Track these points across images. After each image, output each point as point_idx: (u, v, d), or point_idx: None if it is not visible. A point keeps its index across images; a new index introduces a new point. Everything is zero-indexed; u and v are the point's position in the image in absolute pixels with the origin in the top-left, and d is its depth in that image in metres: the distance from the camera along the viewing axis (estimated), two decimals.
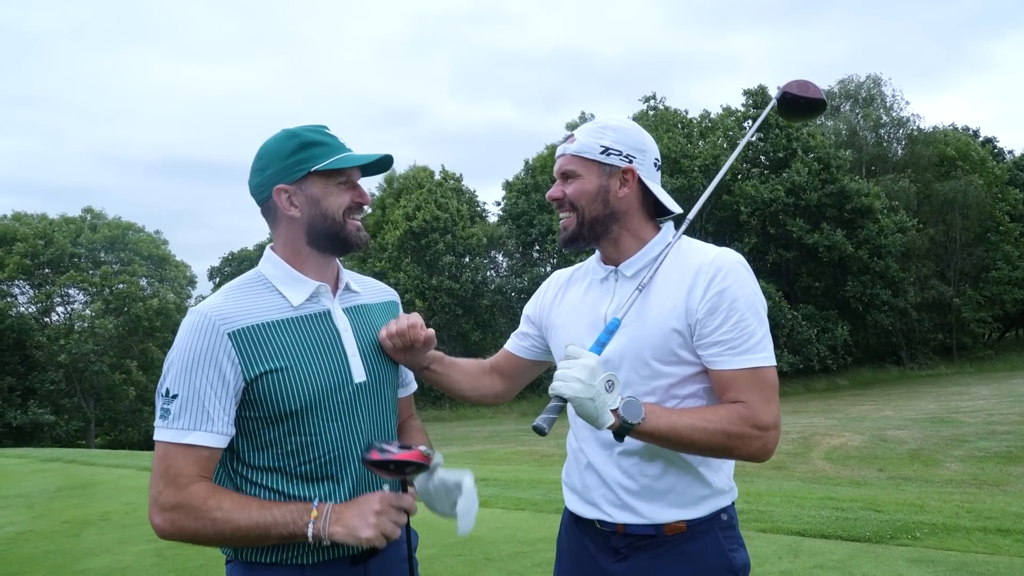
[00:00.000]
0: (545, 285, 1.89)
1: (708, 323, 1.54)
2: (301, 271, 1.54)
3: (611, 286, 1.68)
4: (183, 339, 1.44)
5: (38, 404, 33.98)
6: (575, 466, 1.69)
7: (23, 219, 37.92)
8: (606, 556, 1.59)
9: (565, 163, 1.68)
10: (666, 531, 1.56)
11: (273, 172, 1.51)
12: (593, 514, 1.63)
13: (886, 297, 32.45)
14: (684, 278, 1.57)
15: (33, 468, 12.04)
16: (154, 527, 1.40)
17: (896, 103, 39.23)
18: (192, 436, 1.40)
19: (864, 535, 5.17)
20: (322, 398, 1.48)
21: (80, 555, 5.70)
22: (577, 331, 1.67)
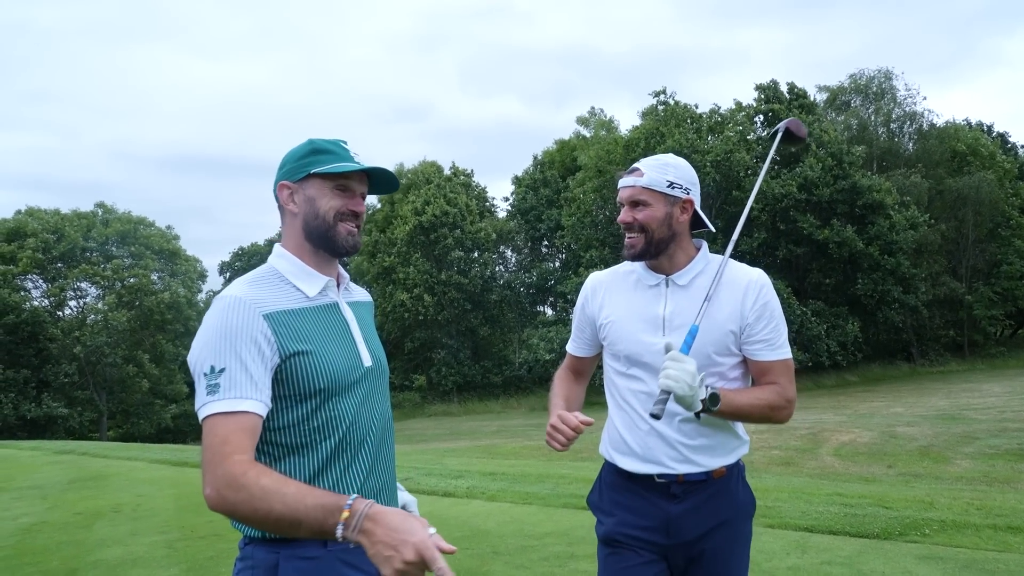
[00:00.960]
0: (591, 290, 2.21)
1: (755, 326, 2.02)
2: (309, 266, 1.66)
3: (663, 291, 2.06)
4: (220, 319, 1.50)
5: (52, 397, 34.31)
6: (633, 434, 2.04)
7: (35, 214, 38.23)
8: (665, 501, 1.99)
9: (636, 193, 2.05)
10: (714, 475, 2.01)
11: (283, 173, 1.67)
12: (654, 470, 2.00)
13: (897, 294, 32.21)
14: (736, 291, 2.04)
15: (46, 460, 12.18)
16: (205, 497, 1.44)
17: (910, 97, 38.90)
18: (246, 404, 1.46)
19: (873, 531, 5.15)
20: (342, 378, 1.60)
21: (92, 546, 5.77)
22: (635, 326, 2.05)
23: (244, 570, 1.57)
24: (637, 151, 33.11)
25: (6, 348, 34.90)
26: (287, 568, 1.52)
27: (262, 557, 1.55)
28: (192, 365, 1.52)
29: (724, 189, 32.27)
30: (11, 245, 36.02)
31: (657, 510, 1.99)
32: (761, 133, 34.34)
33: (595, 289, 2.20)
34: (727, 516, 2.01)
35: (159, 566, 5.08)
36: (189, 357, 1.54)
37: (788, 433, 14.63)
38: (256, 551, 1.56)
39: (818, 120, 34.10)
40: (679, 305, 2.02)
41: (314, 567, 1.54)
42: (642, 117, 35.04)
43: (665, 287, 2.07)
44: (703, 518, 1.99)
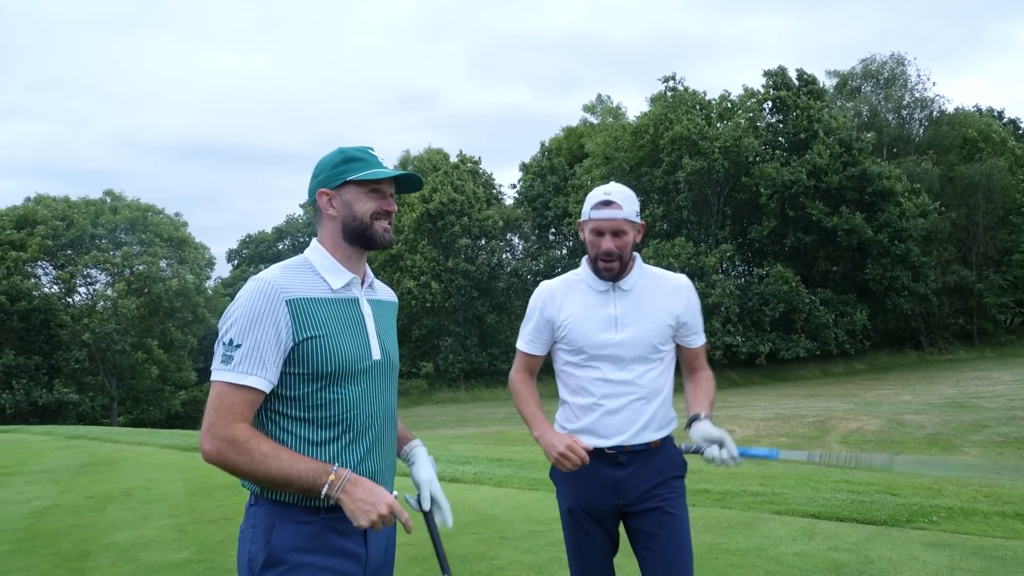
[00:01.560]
0: (548, 295, 2.52)
1: (686, 319, 2.51)
2: (339, 262, 1.86)
3: (611, 296, 2.45)
4: (248, 300, 1.71)
5: (63, 383, 34.61)
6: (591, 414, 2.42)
7: (44, 201, 38.38)
8: (613, 468, 2.40)
9: (619, 224, 2.38)
10: (651, 445, 2.44)
11: (320, 180, 1.86)
12: (607, 443, 2.39)
13: (906, 281, 32.01)
14: (668, 292, 2.49)
15: (58, 445, 12.31)
16: (202, 452, 1.67)
17: (921, 83, 38.45)
18: (250, 379, 1.67)
19: (880, 518, 5.15)
20: (350, 365, 1.78)
21: (104, 529, 5.84)
22: (593, 326, 2.42)
23: (247, 528, 1.77)
24: (645, 138, 32.96)
25: (18, 334, 35.19)
26: (282, 529, 1.72)
27: (263, 518, 1.74)
28: (219, 328, 1.74)
29: (733, 176, 32.09)
30: (21, 232, 36.20)
31: (607, 476, 2.40)
32: (771, 120, 34.09)
33: (552, 295, 2.51)
34: (663, 475, 2.43)
35: (170, 549, 5.14)
36: (220, 321, 1.75)
37: (795, 420, 14.62)
38: (258, 512, 1.75)
39: (827, 107, 33.78)
40: (626, 307, 2.43)
41: (306, 531, 1.72)
42: (651, 103, 34.79)
43: (612, 292, 2.45)
44: (644, 479, 2.41)
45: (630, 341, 2.39)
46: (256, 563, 1.71)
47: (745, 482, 6.95)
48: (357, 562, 1.80)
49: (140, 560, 4.89)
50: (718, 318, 30.28)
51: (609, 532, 2.45)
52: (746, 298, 30.88)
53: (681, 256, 30.40)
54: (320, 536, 1.73)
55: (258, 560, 1.71)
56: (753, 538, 4.83)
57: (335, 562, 1.75)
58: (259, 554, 1.71)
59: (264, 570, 1.70)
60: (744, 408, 17.89)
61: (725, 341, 29.93)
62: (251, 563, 1.72)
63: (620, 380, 2.39)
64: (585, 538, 2.42)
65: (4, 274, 34.53)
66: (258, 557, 1.71)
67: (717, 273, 31.55)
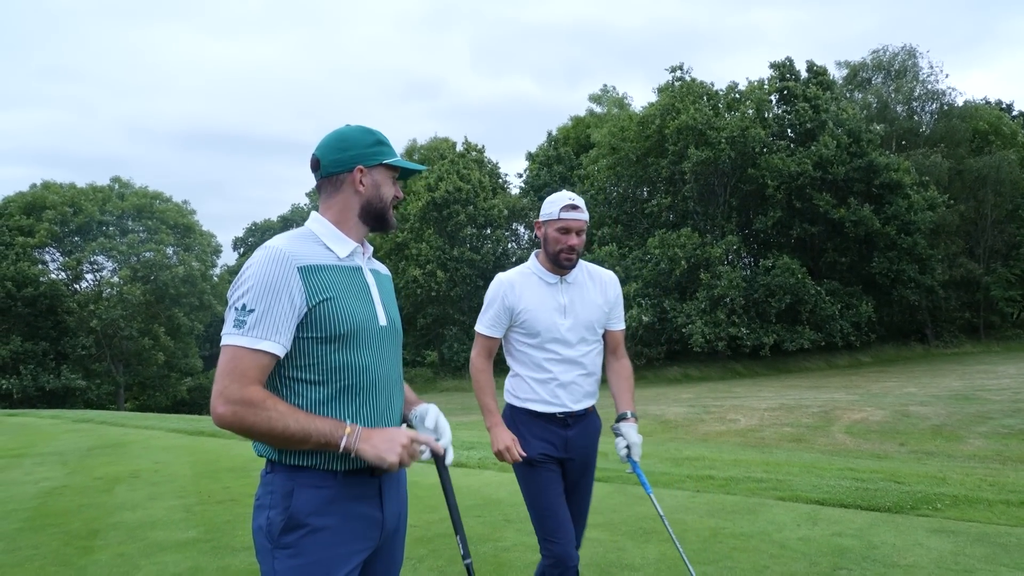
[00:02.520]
0: (508, 286, 2.91)
1: (615, 308, 3.02)
2: (343, 233, 1.90)
3: (559, 287, 2.91)
4: (261, 266, 1.72)
5: (70, 368, 34.83)
6: (546, 388, 2.89)
7: (52, 187, 38.50)
8: (562, 428, 2.90)
9: (583, 225, 2.85)
10: (587, 410, 2.97)
11: (354, 154, 1.89)
12: (558, 409, 2.88)
13: (913, 274, 31.86)
14: (602, 284, 2.99)
15: (66, 428, 12.40)
16: (216, 415, 1.66)
17: (933, 75, 38.11)
18: (263, 344, 1.68)
19: (884, 505, 5.16)
20: (361, 328, 1.82)
21: (113, 509, 5.89)
22: (547, 313, 2.87)
23: (264, 495, 1.78)
24: (651, 128, 32.81)
25: (25, 320, 35.39)
26: (301, 494, 1.73)
27: (280, 483, 1.75)
28: (229, 296, 1.75)
29: (739, 166, 31.94)
30: (29, 218, 36.34)
31: (558, 435, 2.89)
32: (778, 111, 33.88)
33: (512, 285, 2.91)
34: (594, 436, 3.01)
35: (177, 528, 5.18)
36: (230, 290, 1.76)
37: (799, 411, 14.62)
38: (276, 478, 1.76)
39: (836, 98, 33.54)
40: (572, 296, 2.91)
41: (325, 495, 1.75)
42: (658, 93, 34.58)
43: (560, 284, 2.91)
44: (584, 436, 2.94)
45: (576, 326, 2.88)
46: (275, 528, 1.72)
47: (749, 469, 6.97)
48: (374, 525, 1.83)
49: (148, 539, 4.93)
50: (723, 309, 30.23)
51: (559, 477, 2.93)
52: (752, 289, 30.81)
53: (687, 247, 30.32)
54: (338, 500, 1.76)
55: (277, 525, 1.72)
56: (757, 523, 4.84)
57: (353, 525, 1.78)
58: (278, 519, 1.72)
59: (284, 534, 1.71)
60: (748, 399, 17.89)
61: (730, 332, 29.89)
62: (270, 528, 1.73)
63: (569, 359, 2.87)
64: (546, 478, 2.85)
65: (12, 260, 34.70)
66: (277, 522, 1.72)
67: (723, 264, 31.47)
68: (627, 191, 35.69)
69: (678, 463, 7.56)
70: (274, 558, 1.72)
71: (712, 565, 4.04)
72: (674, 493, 5.79)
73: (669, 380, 29.96)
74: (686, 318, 30.28)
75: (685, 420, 14.94)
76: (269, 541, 1.73)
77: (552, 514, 2.79)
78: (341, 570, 1.74)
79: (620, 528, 4.77)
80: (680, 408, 16.50)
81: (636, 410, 3.06)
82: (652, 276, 31.23)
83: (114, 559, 4.50)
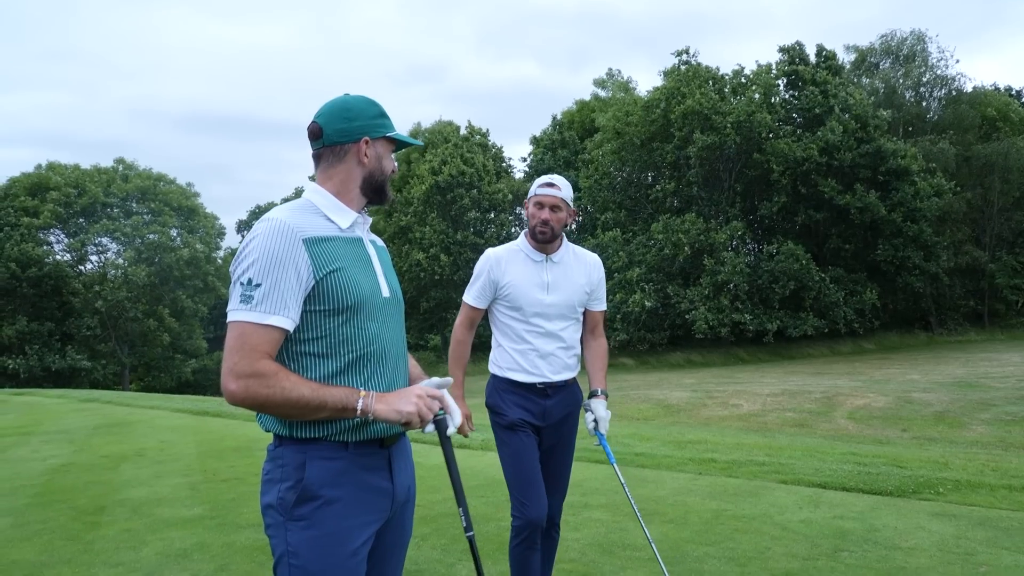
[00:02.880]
0: (495, 260, 3.07)
1: (596, 288, 3.16)
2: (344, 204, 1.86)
3: (544, 265, 3.05)
4: (265, 240, 1.68)
5: (76, 349, 34.99)
6: (527, 359, 3.03)
7: (57, 168, 38.47)
8: (541, 398, 3.04)
9: (557, 201, 2.99)
10: (568, 382, 3.10)
11: (360, 125, 1.85)
12: (538, 380, 3.03)
13: (918, 261, 31.72)
14: (586, 267, 3.14)
15: (72, 408, 12.49)
16: (227, 393, 1.63)
17: (943, 60, 37.71)
18: (272, 319, 1.65)
19: (886, 489, 5.18)
20: (368, 299, 1.81)
21: (119, 486, 5.95)
22: (531, 289, 3.01)
23: (274, 469, 1.75)
24: (656, 112, 32.59)
25: (30, 301, 35.52)
26: (313, 466, 1.72)
27: (291, 456, 1.73)
28: (233, 271, 1.71)
29: (745, 152, 31.76)
30: (34, 199, 36.37)
31: (537, 404, 3.03)
32: (785, 95, 33.62)
33: (498, 260, 3.07)
34: (572, 406, 3.13)
35: (183, 505, 5.23)
36: (232, 264, 1.72)
37: (802, 396, 14.64)
38: (286, 451, 1.74)
39: (843, 84, 33.24)
40: (555, 275, 3.05)
41: (337, 467, 1.74)
42: (664, 77, 34.31)
43: (546, 262, 3.05)
44: (562, 407, 3.08)
45: (558, 302, 3.03)
46: (288, 500, 1.70)
47: (751, 452, 6.99)
48: (385, 496, 1.82)
49: (154, 515, 4.98)
50: (727, 295, 30.19)
51: (535, 445, 3.06)
52: (755, 275, 30.75)
53: (691, 232, 30.23)
54: (349, 472, 1.75)
55: (289, 498, 1.70)
56: (759, 505, 4.87)
57: (365, 496, 1.77)
58: (290, 492, 1.70)
59: (297, 506, 1.70)
60: (751, 384, 17.91)
61: (733, 319, 29.86)
62: (282, 501, 1.71)
63: (549, 332, 3.02)
64: (523, 443, 2.99)
65: (16, 240, 34.77)
66: (289, 495, 1.70)
67: (727, 250, 31.38)
68: (631, 176, 35.51)
69: (680, 446, 7.59)
70: (287, 531, 1.70)
71: (714, 546, 4.06)
72: (676, 476, 5.81)
73: (671, 365, 30.00)
74: (689, 304, 30.25)
75: (687, 405, 14.98)
76: (282, 514, 1.71)
77: (526, 478, 2.93)
78: (355, 541, 1.73)
79: (622, 509, 4.80)
80: (682, 393, 16.53)
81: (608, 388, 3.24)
82: (655, 261, 31.16)
83: (121, 534, 4.55)
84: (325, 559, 1.69)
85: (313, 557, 1.69)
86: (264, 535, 1.83)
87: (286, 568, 1.71)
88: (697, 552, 3.98)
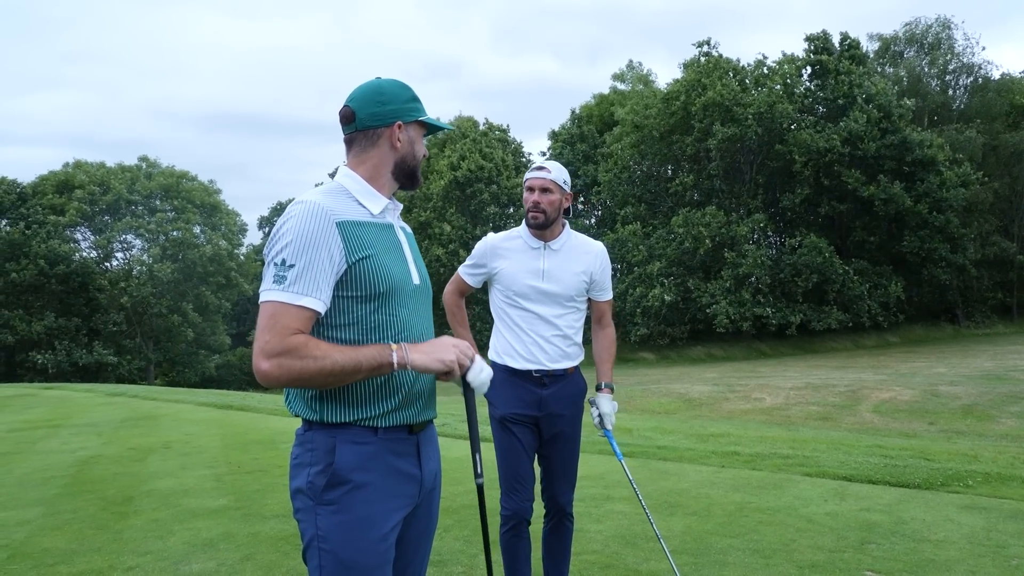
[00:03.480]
0: (491, 246, 3.08)
1: (599, 278, 3.11)
2: (376, 190, 1.86)
3: (542, 253, 3.02)
4: (300, 221, 1.68)
5: (102, 345, 35.61)
6: (522, 344, 3.01)
7: (83, 166, 39.13)
8: (538, 388, 3.00)
9: (547, 184, 2.96)
10: (567, 372, 3.04)
11: (394, 109, 1.83)
12: (533, 367, 2.99)
13: (944, 252, 31.15)
14: (587, 255, 3.07)
15: (100, 401, 12.70)
16: (260, 373, 1.61)
17: (969, 47, 36.98)
18: (304, 300, 1.65)
19: (913, 482, 5.10)
20: (399, 286, 1.80)
21: (146, 477, 6.04)
22: (525, 276, 3.00)
23: (303, 453, 1.74)
24: (676, 104, 32.32)
25: (58, 297, 36.21)
26: (343, 450, 1.72)
27: (321, 440, 1.73)
28: (267, 253, 1.70)
29: (766, 143, 31.41)
30: (60, 197, 37.02)
31: (532, 394, 2.99)
32: (809, 85, 33.16)
33: (495, 246, 3.09)
34: (573, 396, 3.06)
35: (209, 496, 5.29)
36: (267, 246, 1.71)
37: (826, 390, 14.47)
38: (315, 436, 1.73)
39: (867, 73, 32.71)
40: (553, 262, 3.01)
41: (366, 451, 1.74)
42: (684, 69, 34.00)
43: (544, 250, 3.02)
44: (561, 397, 3.02)
45: (553, 290, 2.99)
46: (318, 484, 1.69)
47: (775, 445, 6.93)
48: (414, 482, 1.82)
49: (181, 506, 5.05)
50: (748, 289, 29.91)
51: (532, 435, 3.03)
52: (778, 268, 30.42)
53: (711, 225, 29.97)
54: (379, 456, 1.74)
55: (319, 482, 1.69)
56: (783, 498, 4.82)
57: (394, 482, 1.76)
58: (321, 475, 1.70)
59: (327, 490, 1.69)
60: (773, 378, 17.75)
61: (755, 312, 29.59)
62: (312, 485, 1.70)
63: (545, 318, 2.99)
64: (513, 440, 2.98)
65: (43, 238, 35.43)
66: (319, 479, 1.70)
67: (749, 243, 31.07)
68: (651, 169, 35.29)
69: (703, 439, 7.54)
70: (317, 515, 1.69)
71: (738, 538, 4.03)
72: (699, 468, 5.77)
73: (692, 360, 29.81)
74: (710, 298, 30.02)
75: (709, 399, 14.88)
76: (312, 498, 1.70)
77: (514, 472, 2.98)
78: (385, 526, 1.73)
79: (645, 501, 4.77)
80: (704, 387, 16.42)
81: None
82: (676, 255, 30.96)
83: (149, 524, 4.62)
84: (355, 543, 1.69)
85: (343, 541, 1.68)
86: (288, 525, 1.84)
87: (316, 553, 1.70)
88: (721, 544, 3.95)
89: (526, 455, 3.00)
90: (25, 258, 34.90)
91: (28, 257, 34.90)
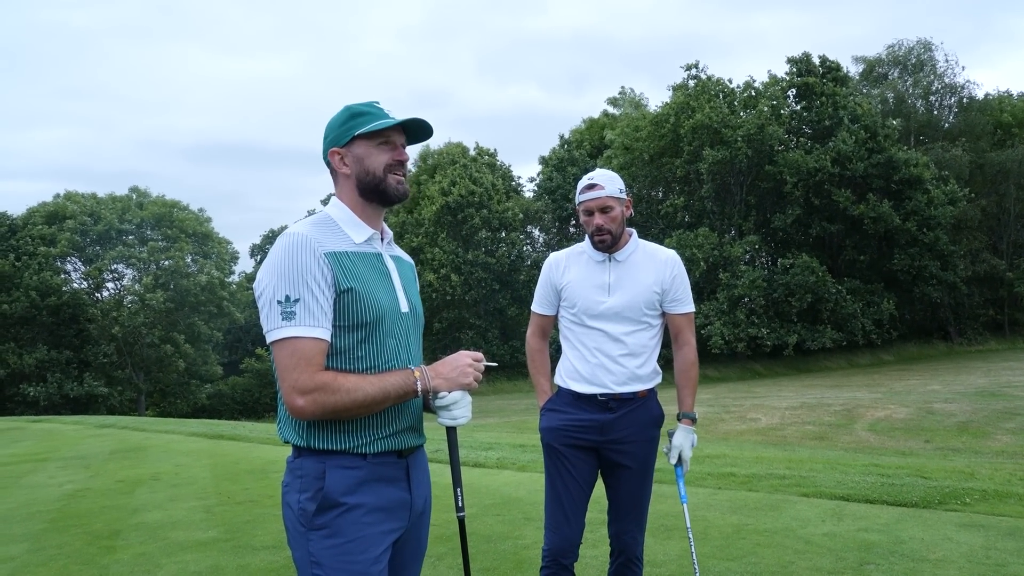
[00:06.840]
0: (554, 264, 2.92)
1: (673, 288, 2.84)
2: (359, 218, 1.86)
3: (607, 265, 2.81)
4: (289, 255, 1.69)
5: (93, 376, 35.23)
6: (585, 366, 2.78)
7: (73, 197, 39.06)
8: (601, 412, 2.76)
9: (605, 202, 2.74)
10: (639, 395, 2.79)
11: (331, 139, 1.85)
12: (598, 390, 2.75)
13: (935, 270, 31.36)
14: (658, 265, 2.83)
15: (89, 433, 12.53)
16: (295, 409, 1.65)
17: (950, 68, 37.62)
18: (317, 331, 1.68)
19: (911, 500, 5.06)
20: (386, 316, 1.80)
21: (134, 510, 5.93)
22: (589, 291, 2.80)
23: (294, 480, 1.76)
24: (666, 127, 32.64)
25: (49, 329, 35.89)
26: (333, 475, 1.72)
27: (311, 467, 1.74)
28: (262, 291, 1.70)
29: (756, 164, 31.68)
30: (51, 228, 36.88)
31: (596, 417, 2.75)
32: (795, 107, 33.57)
33: (558, 263, 2.91)
34: (643, 423, 2.80)
35: (198, 528, 5.20)
36: (257, 284, 1.71)
37: (821, 409, 14.44)
38: (305, 462, 1.75)
39: (852, 93, 33.17)
40: (619, 275, 2.80)
41: (356, 476, 1.74)
42: (672, 91, 34.40)
43: (609, 262, 2.82)
44: (629, 423, 2.77)
45: (620, 304, 2.77)
46: (308, 511, 1.71)
47: (772, 466, 6.87)
48: (404, 506, 1.82)
49: (169, 539, 4.95)
50: (742, 310, 29.96)
51: (587, 465, 2.77)
52: (771, 289, 30.53)
53: (704, 247, 30.09)
54: (369, 481, 1.75)
55: (310, 507, 1.71)
56: (781, 519, 4.77)
57: (385, 506, 1.77)
58: (311, 501, 1.71)
59: (318, 515, 1.70)
60: (768, 398, 17.70)
61: (749, 333, 29.61)
62: (302, 512, 1.71)
63: (612, 336, 2.75)
64: (562, 468, 2.75)
65: (35, 269, 35.22)
66: (309, 504, 1.71)
67: (743, 264, 31.19)
68: (641, 191, 35.51)
69: (698, 460, 7.47)
70: (308, 540, 1.70)
71: (736, 561, 3.97)
72: (694, 490, 5.71)
73: None
74: (704, 319, 30.05)
75: (704, 419, 14.81)
76: (303, 524, 1.71)
77: (558, 504, 2.71)
78: (376, 548, 1.73)
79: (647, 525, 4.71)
80: (699, 408, 16.29)
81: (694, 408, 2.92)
82: None
83: (136, 558, 4.52)
84: (348, 566, 1.68)
85: (336, 565, 1.68)
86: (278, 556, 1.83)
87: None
88: (719, 567, 3.89)
89: (578, 486, 2.73)
90: (16, 290, 34.62)
91: (19, 289, 34.65)
